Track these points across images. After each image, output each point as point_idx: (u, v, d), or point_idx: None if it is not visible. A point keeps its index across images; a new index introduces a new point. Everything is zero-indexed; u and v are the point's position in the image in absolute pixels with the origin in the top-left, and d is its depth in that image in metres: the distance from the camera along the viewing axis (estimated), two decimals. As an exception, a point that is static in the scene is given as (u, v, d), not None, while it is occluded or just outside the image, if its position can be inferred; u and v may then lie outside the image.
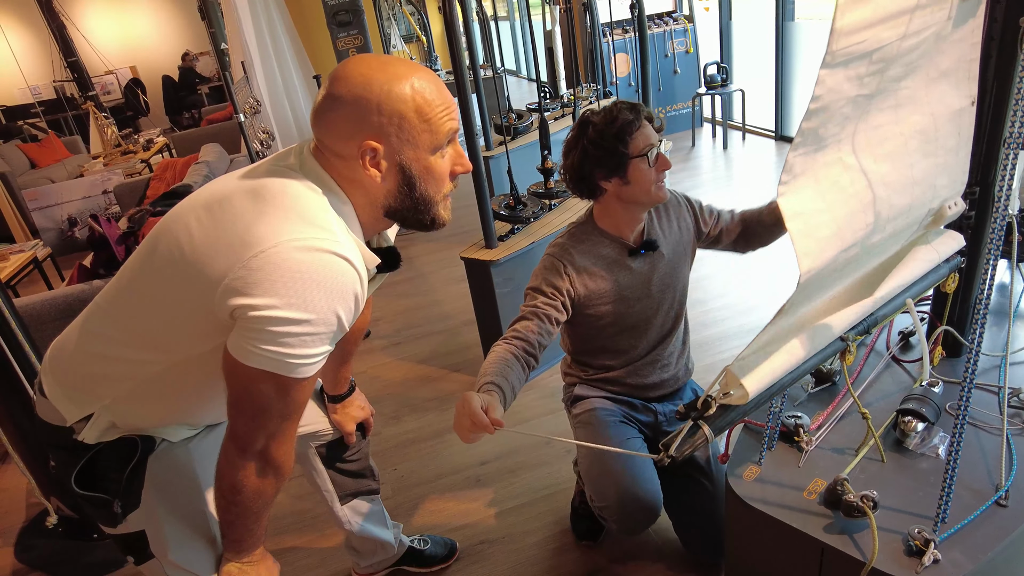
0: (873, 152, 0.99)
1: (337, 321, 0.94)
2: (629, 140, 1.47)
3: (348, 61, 1.00)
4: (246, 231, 0.91)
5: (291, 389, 0.96)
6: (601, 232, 1.62)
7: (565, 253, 1.60)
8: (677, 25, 6.11)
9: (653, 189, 1.51)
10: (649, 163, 1.48)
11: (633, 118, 1.47)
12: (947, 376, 1.43)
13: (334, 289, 0.92)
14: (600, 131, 1.49)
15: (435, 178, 1.02)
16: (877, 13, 0.83)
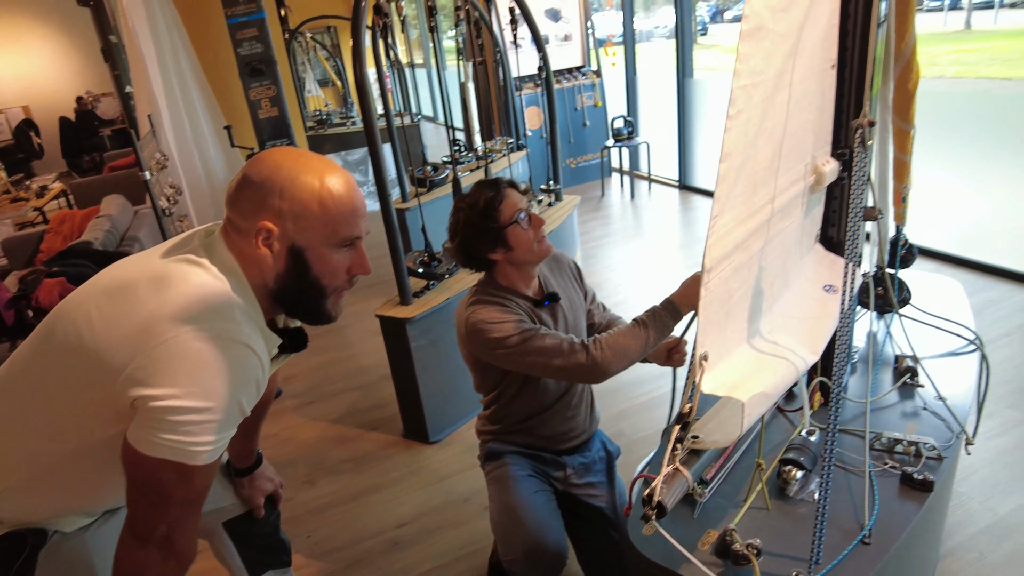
0: (789, 95, 1.10)
1: (238, 407, 0.96)
2: (498, 213, 1.59)
3: (270, 150, 1.04)
4: (148, 320, 0.92)
5: (194, 476, 0.96)
6: (505, 289, 1.70)
7: (491, 301, 1.64)
8: (586, 80, 6.44)
9: (535, 247, 1.63)
10: (523, 226, 1.60)
11: (494, 193, 1.61)
12: (823, 423, 1.56)
13: (235, 377, 0.94)
14: (470, 214, 1.62)
15: (328, 270, 1.04)
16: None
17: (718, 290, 1.02)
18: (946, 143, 3.80)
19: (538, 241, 1.62)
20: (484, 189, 1.63)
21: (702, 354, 1.01)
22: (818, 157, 1.34)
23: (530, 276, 1.70)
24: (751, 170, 1.05)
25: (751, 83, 0.97)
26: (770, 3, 0.98)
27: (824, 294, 1.36)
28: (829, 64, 1.32)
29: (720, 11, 19.62)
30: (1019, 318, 3.14)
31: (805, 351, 1.20)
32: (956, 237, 3.84)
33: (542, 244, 1.63)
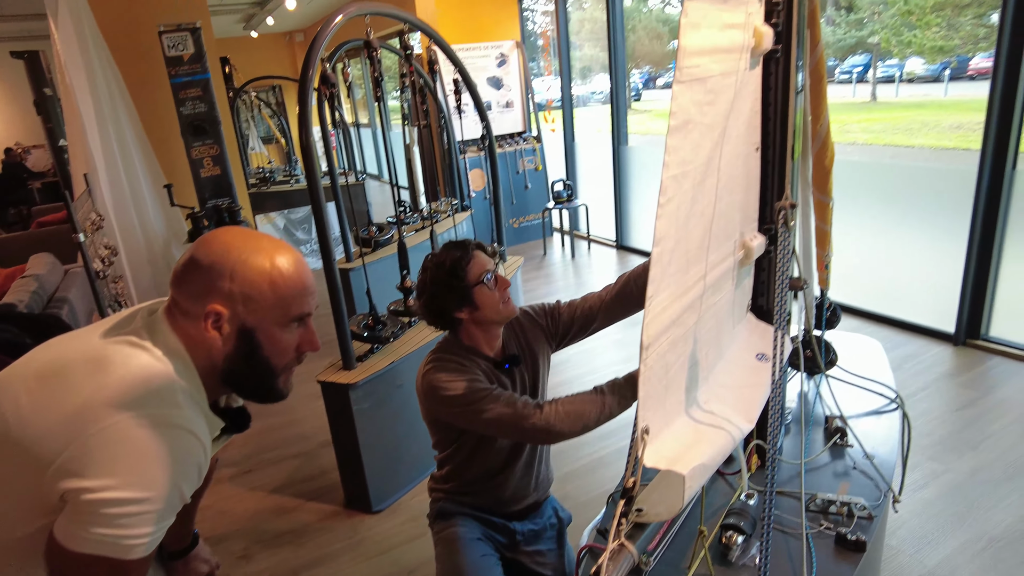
0: (717, 179, 1.17)
1: (178, 495, 0.93)
2: (465, 273, 1.63)
3: (217, 230, 1.04)
4: (84, 407, 0.89)
5: (127, 570, 0.91)
6: (469, 349, 1.72)
7: (450, 360, 1.65)
8: (527, 144, 6.66)
9: (501, 307, 1.66)
10: (489, 287, 1.63)
11: (461, 254, 1.65)
12: (760, 485, 1.61)
13: (176, 464, 0.91)
14: (438, 272, 1.65)
15: (278, 349, 1.04)
16: (706, 42, 1.04)
17: (656, 365, 1.07)
18: (861, 207, 4.09)
19: (504, 302, 1.65)
20: (452, 249, 1.66)
21: (643, 428, 1.04)
22: (746, 233, 1.43)
23: (494, 336, 1.71)
24: (684, 250, 1.11)
25: (680, 172, 1.04)
26: (696, 98, 1.06)
27: (757, 362, 1.43)
28: (754, 147, 1.43)
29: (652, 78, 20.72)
30: (935, 372, 3.34)
31: (741, 420, 1.25)
32: (874, 295, 4.09)
33: (507, 305, 1.66)
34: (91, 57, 4.28)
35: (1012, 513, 2.30)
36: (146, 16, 5.11)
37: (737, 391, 1.33)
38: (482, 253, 1.67)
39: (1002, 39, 3.19)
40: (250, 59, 11.45)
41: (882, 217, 4.06)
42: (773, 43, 1.38)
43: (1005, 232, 3.42)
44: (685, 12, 0.96)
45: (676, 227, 1.06)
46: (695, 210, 1.13)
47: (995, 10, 10.86)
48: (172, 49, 4.76)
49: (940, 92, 16.01)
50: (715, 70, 1.11)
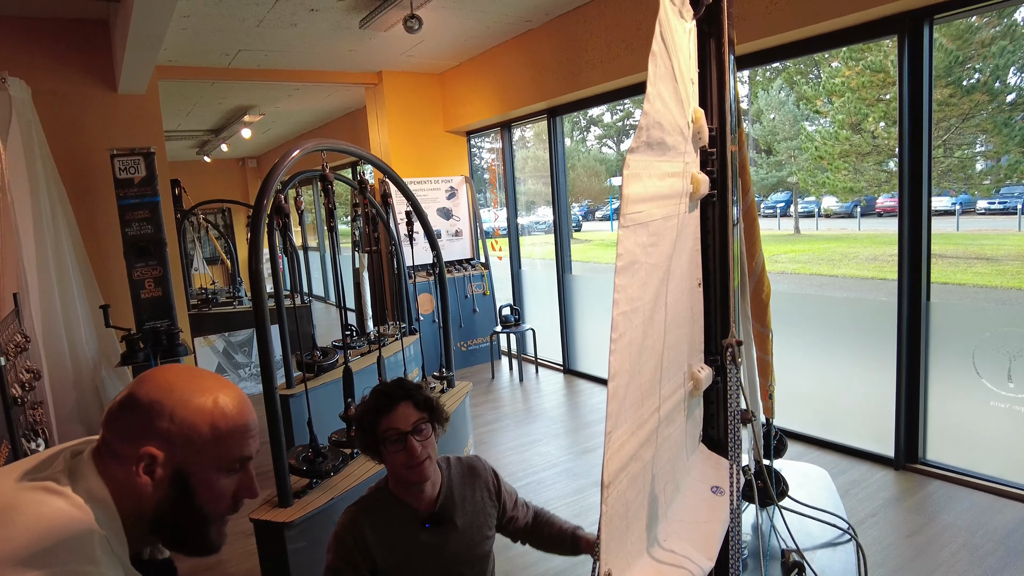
0: (665, 314, 1.19)
1: None
2: (378, 426, 1.57)
3: (159, 368, 0.99)
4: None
5: None
6: (393, 498, 1.65)
7: (355, 526, 1.59)
8: (475, 271, 6.82)
9: (404, 471, 1.57)
10: (395, 449, 1.56)
11: (382, 405, 1.58)
12: (722, 628, 1.55)
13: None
14: (358, 416, 1.61)
15: (214, 495, 0.97)
16: (647, 190, 1.09)
17: (617, 504, 1.04)
18: (796, 336, 4.28)
19: (409, 467, 1.57)
20: (378, 397, 1.60)
21: (607, 572, 1.00)
22: (693, 365, 1.47)
23: (415, 492, 1.63)
24: (638, 384, 1.13)
25: (630, 309, 1.08)
26: (640, 241, 1.13)
27: (712, 496, 1.41)
28: (696, 282, 1.50)
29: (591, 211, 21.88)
30: (880, 497, 3.37)
31: (701, 558, 1.22)
32: (815, 421, 4.19)
33: (413, 471, 1.57)
34: (37, 174, 4.26)
35: (972, 649, 2.25)
36: (99, 138, 5.17)
37: (695, 526, 1.31)
38: (408, 408, 1.58)
39: (903, 183, 3.55)
40: (201, 182, 11.61)
41: (816, 345, 4.25)
42: (709, 188, 1.50)
43: (929, 360, 3.62)
44: (627, 164, 1.04)
45: (630, 361, 1.08)
46: (647, 344, 1.16)
47: (892, 158, 12.16)
48: (123, 172, 4.78)
49: (854, 226, 17.48)
50: (657, 214, 1.19)
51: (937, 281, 3.52)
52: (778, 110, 17.00)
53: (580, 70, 5.11)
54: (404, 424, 1.57)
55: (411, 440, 1.56)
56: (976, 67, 12.10)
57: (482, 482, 1.77)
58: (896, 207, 3.56)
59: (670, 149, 1.23)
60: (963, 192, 14.49)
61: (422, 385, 1.72)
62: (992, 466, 3.43)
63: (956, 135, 12.76)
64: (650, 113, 1.09)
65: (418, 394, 1.62)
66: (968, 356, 3.47)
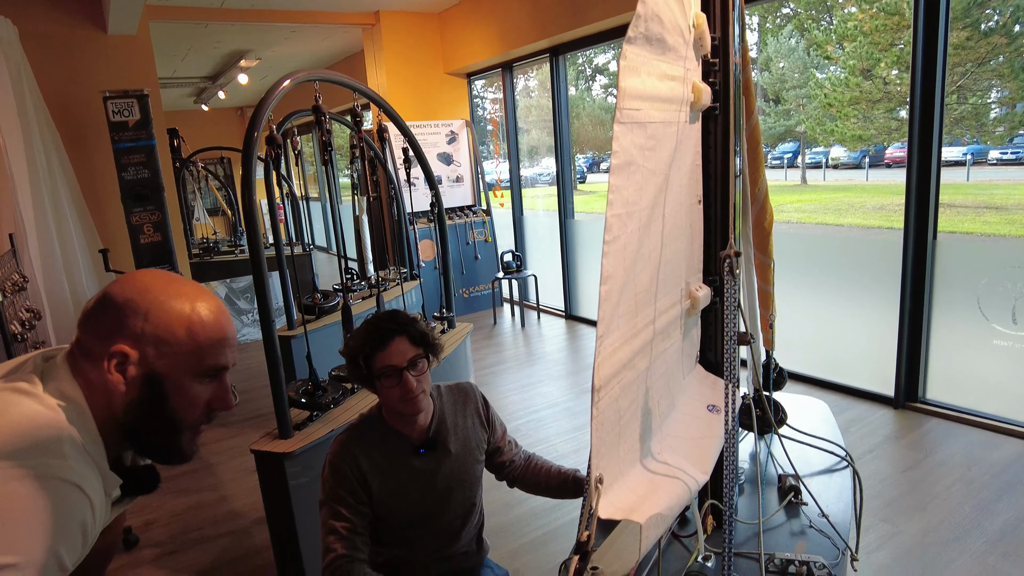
0: (662, 225, 1.16)
1: (55, 561, 0.81)
2: (372, 360, 1.55)
3: (137, 271, 0.97)
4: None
5: None
6: (386, 427, 1.64)
7: (348, 454, 1.59)
8: (476, 217, 6.75)
9: (398, 404, 1.56)
10: (390, 383, 1.54)
11: (376, 340, 1.54)
12: (716, 547, 1.56)
13: (53, 523, 0.80)
14: (351, 348, 1.58)
15: (187, 402, 0.95)
16: (646, 87, 1.04)
17: (608, 411, 1.02)
18: (799, 276, 4.24)
19: (403, 400, 1.55)
20: (371, 330, 1.57)
21: (597, 477, 0.98)
22: (691, 283, 1.43)
23: (409, 422, 1.63)
24: (632, 292, 1.09)
25: (625, 212, 1.04)
26: (638, 142, 1.08)
27: (708, 414, 1.40)
28: (696, 199, 1.46)
29: (596, 162, 21.63)
30: (880, 435, 3.39)
31: (696, 471, 1.21)
32: (816, 362, 4.19)
33: (407, 405, 1.56)
34: (29, 118, 4.18)
35: (966, 574, 2.28)
36: (91, 81, 5.06)
37: (690, 442, 1.30)
38: (403, 342, 1.55)
39: (913, 129, 3.46)
40: (199, 131, 11.44)
41: (820, 286, 4.22)
42: (711, 100, 1.44)
43: (933, 299, 3.59)
44: (624, 55, 0.98)
45: (623, 267, 1.04)
46: (642, 252, 1.12)
47: (903, 106, 11.89)
48: (117, 115, 4.69)
49: (862, 177, 17.24)
50: (656, 117, 1.14)
51: (944, 230, 3.45)
52: (787, 57, 16.56)
53: (584, 6, 4.94)
54: (399, 360, 1.54)
55: (407, 376, 1.54)
56: (996, 7, 11.68)
57: (472, 407, 1.76)
58: (905, 158, 3.48)
59: (670, 49, 1.17)
60: (975, 141, 14.20)
61: (416, 318, 1.69)
62: (991, 404, 3.43)
63: (971, 81, 12.42)
64: (649, 3, 1.02)
65: (413, 328, 1.59)
66: (972, 295, 3.43)
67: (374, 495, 1.59)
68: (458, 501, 1.68)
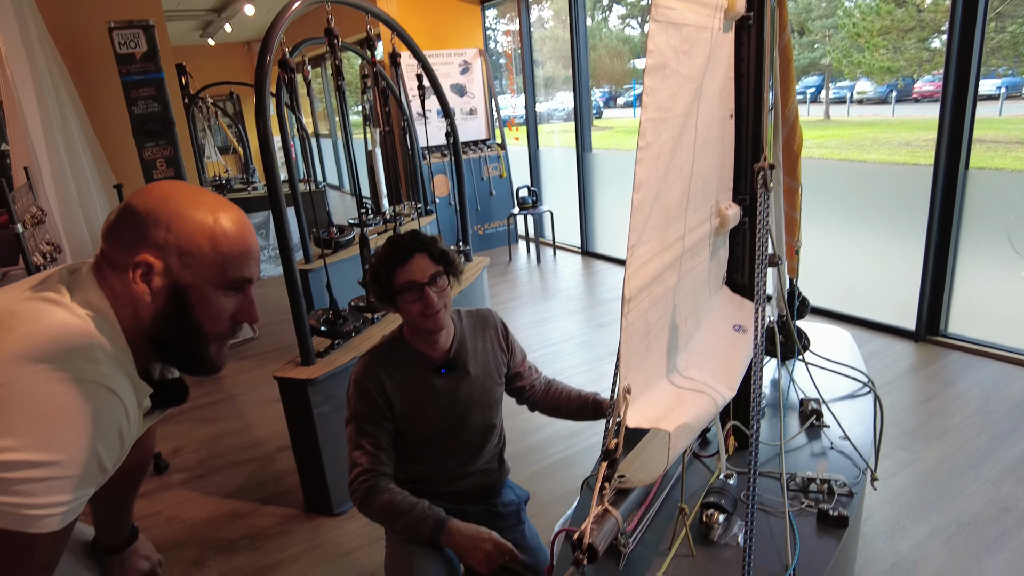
0: (695, 138, 1.13)
1: (96, 461, 0.82)
2: (393, 277, 1.56)
3: (158, 182, 0.95)
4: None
5: (33, 548, 0.79)
6: (408, 347, 1.66)
7: (371, 373, 1.61)
8: (491, 152, 6.63)
9: (418, 320, 1.58)
10: (411, 299, 1.56)
11: (397, 257, 1.56)
12: (738, 467, 1.57)
13: (91, 424, 0.80)
14: (373, 266, 1.60)
15: (212, 314, 0.94)
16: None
17: (637, 323, 1.01)
18: (823, 210, 4.15)
19: (425, 316, 1.57)
20: (392, 247, 1.58)
21: (625, 387, 0.98)
22: (721, 201, 1.39)
23: (431, 341, 1.65)
24: (664, 204, 1.06)
25: (659, 117, 0.99)
26: (672, 44, 1.02)
27: (734, 333, 1.38)
28: (728, 113, 1.40)
29: (612, 97, 21.04)
30: (899, 367, 3.38)
31: (722, 387, 1.20)
32: (837, 296, 4.15)
33: (426, 321, 1.57)
34: (35, 53, 4.10)
35: (977, 500, 2.31)
36: (95, 12, 4.93)
37: (716, 360, 1.29)
38: (424, 259, 1.57)
39: (950, 58, 3.31)
40: (207, 67, 11.21)
41: (842, 221, 4.13)
42: (745, 9, 1.36)
43: (960, 233, 3.51)
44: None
45: (656, 177, 1.01)
46: (674, 164, 1.09)
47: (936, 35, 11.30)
48: (123, 47, 4.58)
49: (888, 112, 16.68)
50: (690, 19, 1.08)
51: (974, 166, 3.34)
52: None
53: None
54: (421, 276, 1.56)
55: (428, 291, 1.56)
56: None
57: (492, 331, 1.78)
58: (936, 91, 3.35)
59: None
60: (1010, 73, 13.60)
61: (437, 238, 1.68)
62: (1014, 338, 3.40)
63: (1012, 7, 11.80)
64: None
65: (434, 246, 1.61)
66: (1002, 229, 3.35)
67: (396, 412, 1.62)
68: (477, 421, 1.70)
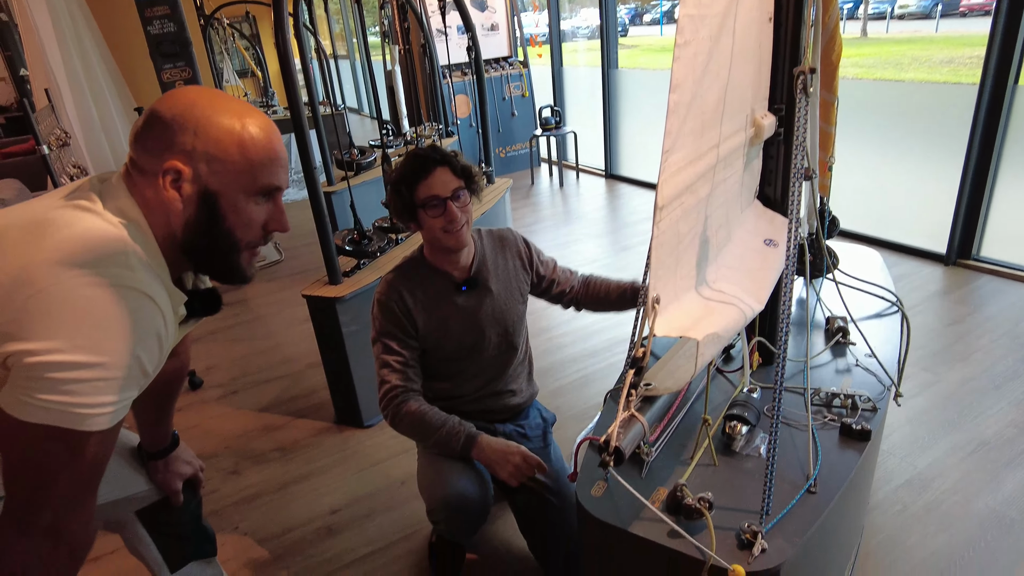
0: (732, 42, 1.10)
1: (138, 364, 0.85)
2: (415, 191, 1.54)
3: (182, 87, 0.94)
4: (21, 270, 0.79)
5: (84, 446, 0.83)
6: (429, 266, 1.67)
7: (394, 291, 1.63)
8: (513, 70, 6.42)
9: (440, 235, 1.57)
10: (431, 214, 1.54)
11: (419, 169, 1.53)
12: (762, 382, 1.59)
13: (131, 328, 0.82)
14: (393, 181, 1.57)
15: (243, 221, 0.94)
16: None
17: (669, 232, 1.00)
18: (855, 131, 4.00)
19: (444, 231, 1.55)
20: (413, 160, 1.56)
21: (654, 297, 0.98)
22: (757, 110, 1.34)
23: (452, 259, 1.65)
24: (700, 109, 1.03)
25: (697, 14, 0.95)
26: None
27: (765, 247, 1.36)
28: (767, 17, 1.33)
29: (639, 14, 20.05)
30: (927, 290, 3.34)
31: (751, 299, 1.19)
32: (866, 219, 4.05)
33: (448, 237, 1.56)
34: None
35: (1001, 419, 2.32)
36: (105, -76, 4.75)
37: (746, 273, 1.27)
38: (446, 172, 1.55)
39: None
40: (220, -14, 10.85)
41: (875, 141, 3.98)
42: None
43: (1002, 152, 3.37)
44: None
45: (693, 78, 0.97)
46: (711, 68, 1.04)
47: (994, -66, 10.47)
48: (134, -39, 4.45)
49: (931, 28, 15.76)
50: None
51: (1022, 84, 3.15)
52: None
53: None
54: (443, 190, 1.54)
55: (450, 205, 1.55)
56: None
57: (512, 250, 1.78)
58: (987, 3, 3.12)
59: None
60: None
61: (458, 152, 1.66)
62: (1050, 260, 3.32)
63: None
64: None
65: (455, 161, 1.59)
66: (1048, 146, 3.21)
67: (420, 330, 1.64)
68: (500, 338, 1.73)
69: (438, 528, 1.76)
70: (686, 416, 1.50)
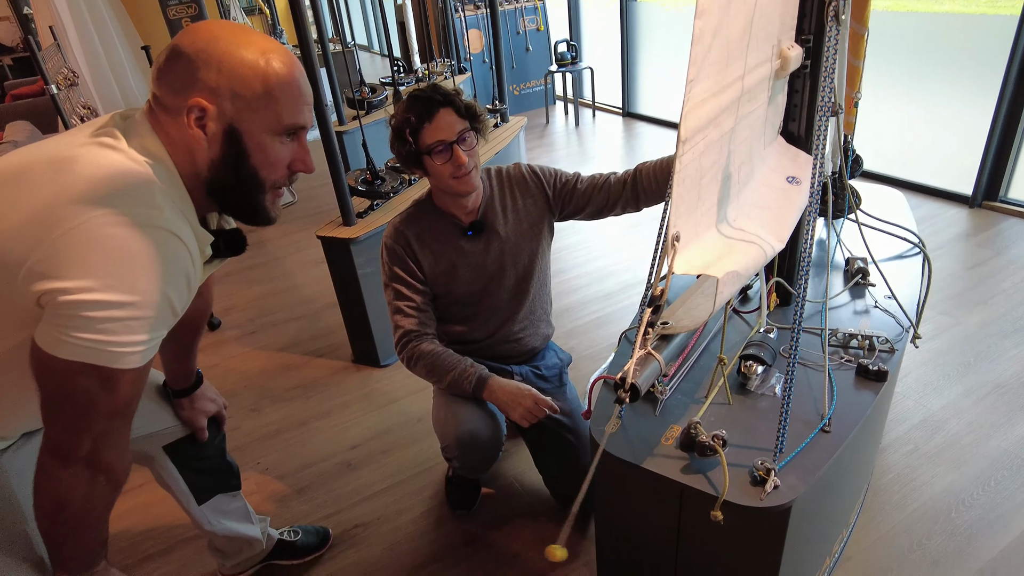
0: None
1: (168, 304, 0.85)
2: (418, 136, 1.47)
3: (203, 21, 0.91)
4: (48, 207, 0.79)
5: (119, 382, 0.84)
6: (437, 211, 1.64)
7: (400, 236, 1.61)
8: (528, 3, 6.20)
9: (451, 183, 1.51)
10: (438, 160, 1.48)
11: (421, 112, 1.46)
12: (779, 323, 1.58)
13: (160, 267, 0.83)
14: (396, 125, 1.50)
15: (268, 160, 0.93)
16: None
17: (691, 166, 0.97)
18: (881, 68, 3.85)
19: (454, 177, 1.50)
20: (414, 104, 1.48)
21: (674, 235, 0.96)
22: (783, 41, 1.28)
23: (460, 204, 1.60)
24: (724, 38, 0.98)
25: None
26: None
27: (787, 185, 1.33)
28: (798, -61, 1.26)
29: (661, -59, 19.12)
30: (950, 232, 3.27)
31: (772, 238, 1.17)
32: (890, 160, 3.94)
33: (459, 183, 1.51)
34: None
35: (1019, 362, 2.30)
36: None
37: (767, 211, 1.25)
38: (450, 113, 1.47)
39: None
40: (223, -85, 10.45)
41: (901, 78, 3.83)
42: None
43: (1037, 86, 3.23)
44: None
45: (719, 4, 0.92)
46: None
47: None
48: None
49: (968, -45, 14.91)
50: None
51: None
52: None
53: None
54: (448, 134, 1.48)
55: (457, 150, 1.49)
56: None
57: (520, 185, 1.69)
58: None
59: None
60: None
61: (460, 91, 1.59)
62: (1080, 201, 3.22)
63: None
64: None
65: (458, 100, 1.51)
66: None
67: (427, 275, 1.63)
68: (511, 282, 1.71)
69: (452, 464, 1.80)
70: (701, 356, 1.50)
